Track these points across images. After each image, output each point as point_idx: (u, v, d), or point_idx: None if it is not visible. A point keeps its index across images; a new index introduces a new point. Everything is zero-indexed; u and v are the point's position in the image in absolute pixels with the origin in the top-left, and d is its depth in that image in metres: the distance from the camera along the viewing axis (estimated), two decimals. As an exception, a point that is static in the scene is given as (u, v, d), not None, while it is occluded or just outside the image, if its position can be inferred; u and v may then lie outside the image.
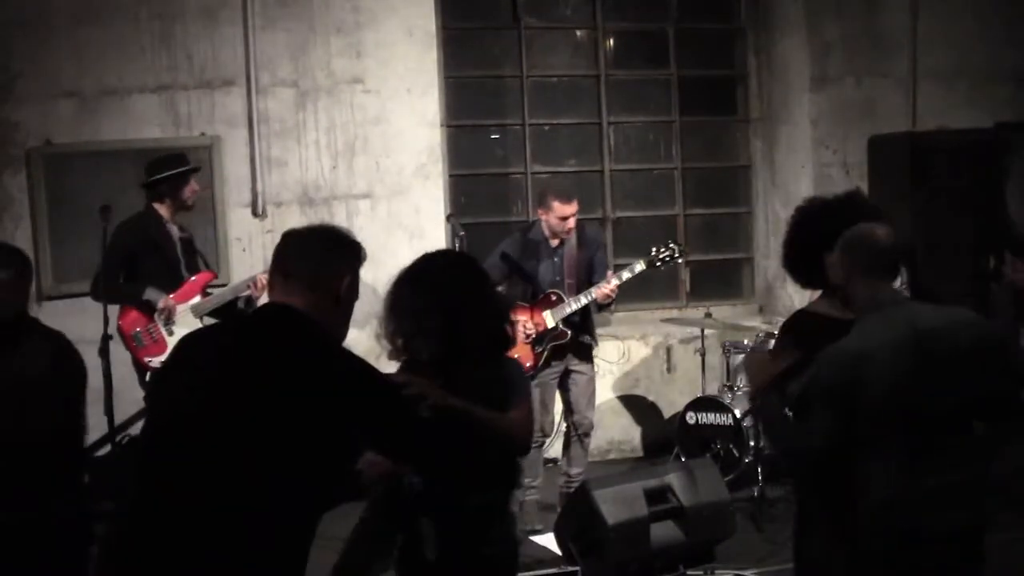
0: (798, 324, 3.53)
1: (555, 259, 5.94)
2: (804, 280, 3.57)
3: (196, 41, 6.90)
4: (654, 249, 6.05)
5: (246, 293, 5.79)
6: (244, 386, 2.46)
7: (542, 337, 5.88)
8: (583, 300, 5.85)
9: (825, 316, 3.37)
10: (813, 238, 3.37)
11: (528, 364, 5.89)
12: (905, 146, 7.52)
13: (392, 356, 3.04)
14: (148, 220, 5.82)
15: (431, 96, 7.31)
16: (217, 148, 6.90)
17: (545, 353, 5.89)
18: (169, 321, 5.69)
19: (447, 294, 2.97)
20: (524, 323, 5.84)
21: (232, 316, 3.07)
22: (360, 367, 2.58)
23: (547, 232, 5.94)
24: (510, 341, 3.15)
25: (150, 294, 5.72)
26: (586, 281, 5.91)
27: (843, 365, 3.03)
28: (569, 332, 5.88)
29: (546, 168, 7.98)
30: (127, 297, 5.77)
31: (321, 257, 2.66)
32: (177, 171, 5.83)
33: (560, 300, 5.88)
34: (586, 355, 6.06)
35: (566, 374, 5.98)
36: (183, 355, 2.65)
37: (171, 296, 5.72)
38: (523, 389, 3.12)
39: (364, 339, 3.23)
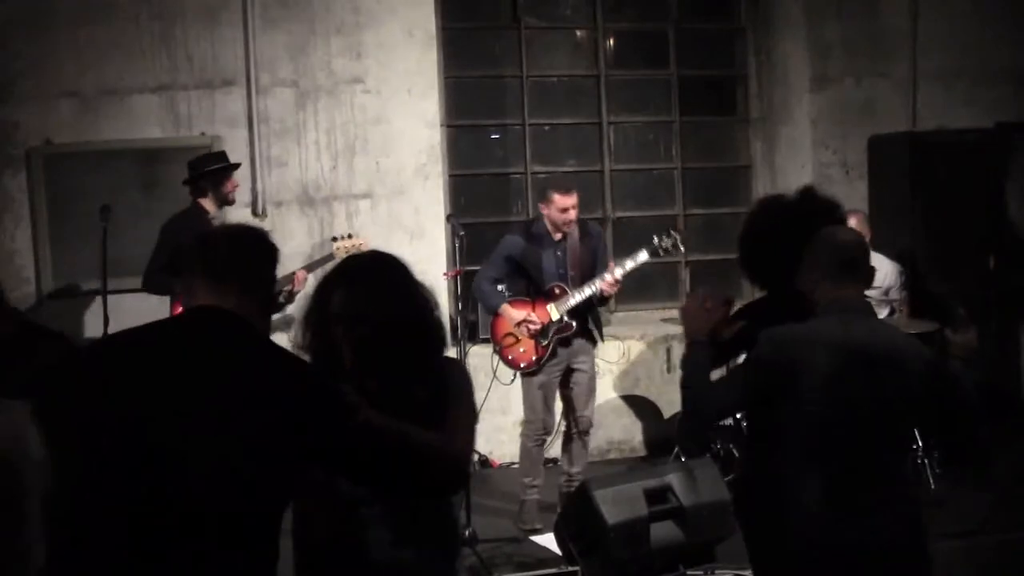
0: (753, 305, 3.58)
1: (558, 253, 5.95)
2: (755, 277, 3.53)
3: (196, 41, 6.90)
4: (656, 238, 6.06)
5: (287, 288, 5.89)
6: (207, 400, 2.25)
7: (547, 330, 5.89)
8: (587, 291, 5.87)
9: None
10: (766, 236, 3.36)
11: (533, 358, 5.91)
12: (905, 146, 7.52)
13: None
14: (195, 216, 5.93)
15: (431, 96, 7.31)
16: (217, 148, 6.88)
17: (550, 346, 5.90)
18: None
19: (377, 297, 2.75)
20: (527, 317, 5.86)
21: (151, 325, 2.69)
22: (314, 372, 2.52)
23: (549, 227, 5.96)
24: (443, 345, 2.89)
25: None
26: (589, 274, 5.93)
27: (781, 344, 3.00)
28: (574, 324, 5.90)
29: (546, 168, 7.98)
30: (172, 291, 5.87)
31: (255, 260, 2.55)
32: (219, 167, 6.04)
33: (564, 293, 5.90)
34: (589, 352, 6.07)
35: (568, 372, 5.99)
36: (109, 369, 2.33)
37: None
38: (462, 401, 2.82)
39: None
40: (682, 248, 6.12)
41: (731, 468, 6.29)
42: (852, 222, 6.81)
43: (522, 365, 5.95)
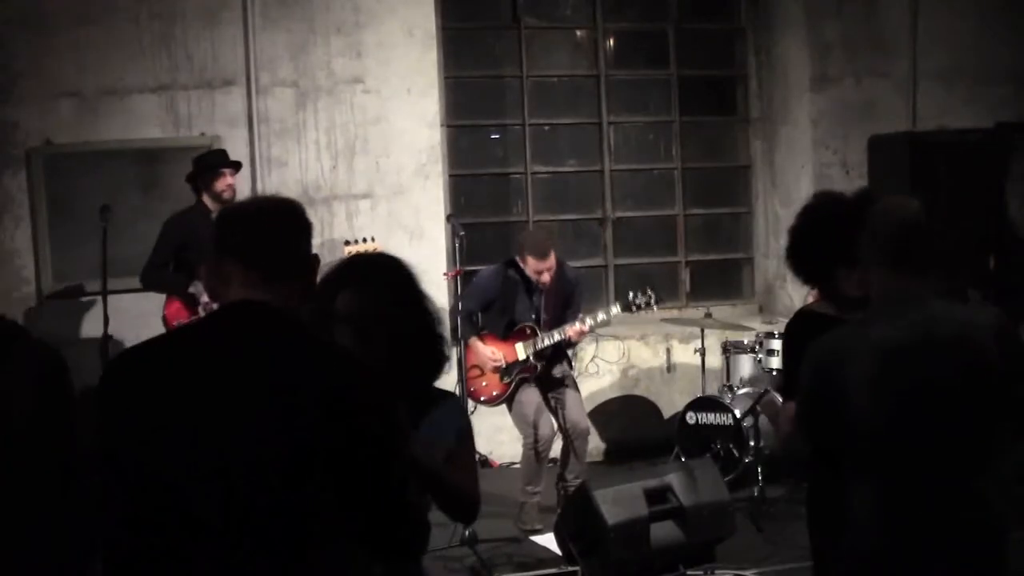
0: (801, 327, 3.24)
1: (533, 296, 6.01)
2: (806, 276, 3.34)
3: (196, 41, 6.90)
4: (631, 294, 6.12)
5: None
6: (246, 414, 1.99)
7: (511, 368, 5.95)
8: (556, 336, 5.91)
9: (829, 316, 3.12)
10: (827, 239, 3.11)
11: (494, 393, 6.00)
12: (905, 146, 7.51)
13: None
14: (197, 213, 5.93)
15: (431, 96, 7.31)
16: (217, 148, 6.89)
17: (512, 384, 5.96)
18: None
19: (386, 298, 2.51)
20: (492, 353, 5.93)
21: (183, 330, 2.34)
22: (371, 380, 2.14)
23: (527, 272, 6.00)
24: (445, 361, 2.67)
25: (195, 287, 5.77)
26: (561, 317, 5.98)
27: (819, 363, 2.69)
28: (538, 366, 5.96)
29: (546, 168, 7.98)
30: (171, 286, 5.89)
31: (286, 239, 2.20)
32: (208, 165, 6.00)
33: (534, 334, 5.95)
34: (558, 382, 6.10)
35: (548, 390, 6.04)
36: (158, 383, 2.06)
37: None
38: (468, 440, 2.69)
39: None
40: (655, 308, 6.15)
41: (731, 468, 6.30)
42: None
43: (482, 399, 6.03)
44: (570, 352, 6.26)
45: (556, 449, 6.51)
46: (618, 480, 4.78)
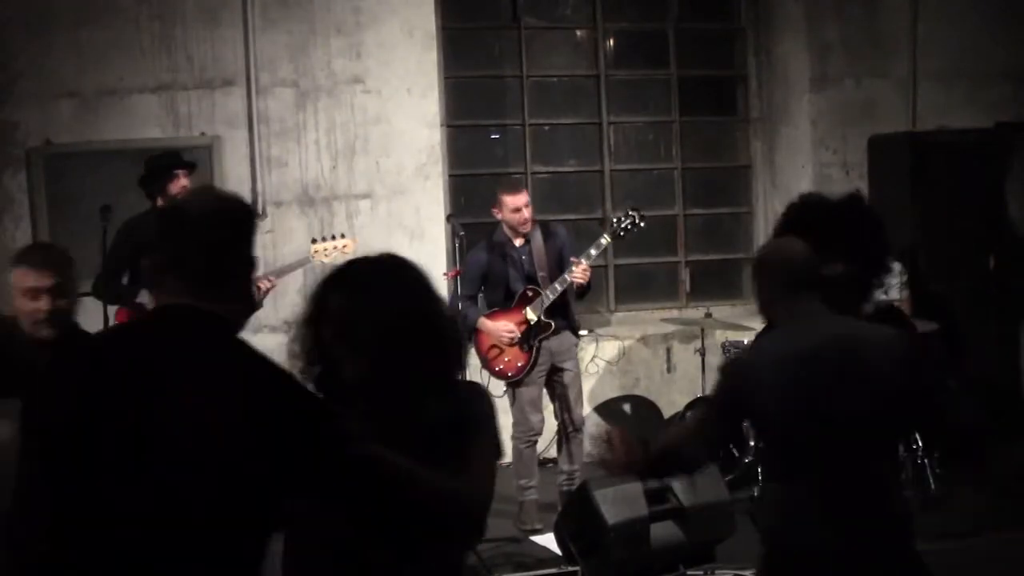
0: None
1: (523, 256, 6.00)
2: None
3: (196, 41, 6.90)
4: (614, 220, 6.09)
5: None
6: (177, 420, 1.96)
7: (528, 334, 5.92)
8: (558, 288, 5.90)
9: None
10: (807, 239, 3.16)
11: (519, 364, 5.94)
12: (905, 146, 7.51)
13: (305, 375, 2.38)
14: (150, 219, 5.77)
15: (431, 96, 7.31)
16: (217, 148, 6.90)
17: (535, 349, 5.92)
18: None
19: (384, 301, 2.34)
20: (505, 326, 5.91)
21: (115, 330, 2.59)
22: (299, 389, 2.12)
23: (508, 232, 5.99)
24: (461, 364, 2.52)
25: (144, 296, 5.61)
26: (557, 273, 5.97)
27: (729, 375, 3.03)
28: (552, 323, 5.93)
29: (546, 168, 7.98)
30: (120, 298, 5.67)
31: (225, 240, 2.11)
32: (159, 167, 5.68)
33: (537, 294, 5.94)
34: (572, 350, 6.09)
35: (553, 371, 6.01)
36: (82, 383, 2.02)
37: None
38: (482, 434, 2.41)
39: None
40: (641, 224, 6.09)
41: (731, 468, 6.30)
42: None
43: (510, 374, 5.99)
44: (579, 336, 6.20)
45: (551, 450, 6.52)
46: (618, 480, 4.79)
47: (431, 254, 7.10)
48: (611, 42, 8.12)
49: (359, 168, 7.16)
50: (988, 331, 7.28)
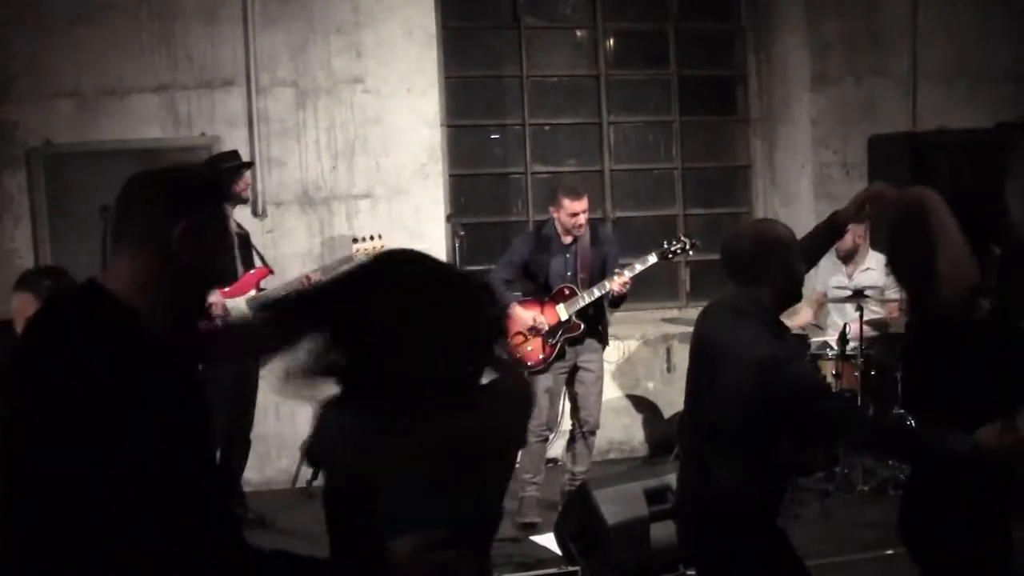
0: None
1: (567, 255, 6.02)
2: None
3: (196, 41, 6.90)
4: (665, 242, 6.16)
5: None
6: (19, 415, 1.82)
7: (555, 330, 5.94)
8: (596, 292, 5.94)
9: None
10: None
11: (540, 357, 5.96)
12: (905, 146, 7.50)
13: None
14: None
15: (431, 96, 7.31)
16: (217, 148, 6.88)
17: (558, 346, 5.94)
18: (222, 315, 5.71)
19: (394, 304, 2.10)
20: (535, 317, 5.91)
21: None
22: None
23: (559, 229, 6.01)
24: (488, 358, 2.21)
25: None
26: (599, 277, 6.00)
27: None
28: (582, 325, 5.95)
29: (546, 168, 7.98)
30: None
31: (146, 202, 1.90)
32: (234, 164, 5.99)
33: (573, 294, 5.97)
34: (597, 352, 6.11)
35: (575, 369, 6.03)
36: None
37: (222, 291, 5.74)
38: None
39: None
40: (691, 253, 6.18)
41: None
42: (852, 219, 6.85)
43: (529, 364, 5.98)
44: (604, 341, 6.22)
45: (558, 448, 6.52)
46: (618, 480, 4.79)
47: (431, 254, 7.10)
48: (611, 42, 8.12)
49: (359, 168, 7.15)
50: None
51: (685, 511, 3.45)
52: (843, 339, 6.49)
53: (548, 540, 5.22)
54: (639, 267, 6.02)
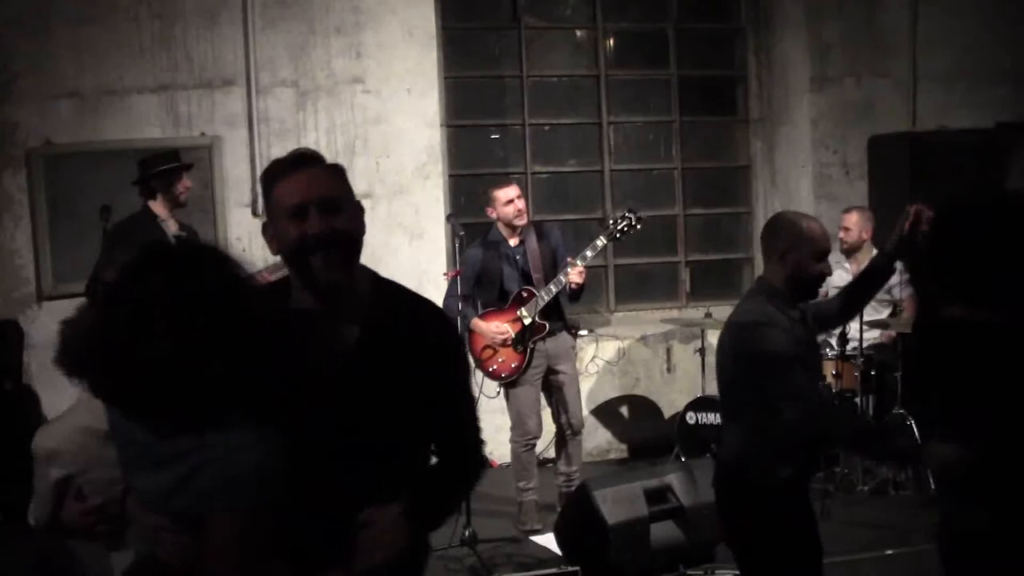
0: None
1: (517, 257, 5.98)
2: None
3: (196, 41, 6.90)
4: (611, 222, 6.07)
5: None
6: None
7: (522, 335, 5.90)
8: (553, 289, 5.87)
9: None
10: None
11: (513, 365, 5.93)
12: (905, 146, 7.52)
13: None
14: (143, 219, 5.78)
15: (431, 96, 7.31)
16: (217, 148, 6.90)
17: (530, 350, 5.91)
18: None
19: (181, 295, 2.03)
20: (497, 327, 5.89)
21: None
22: None
23: (503, 230, 5.98)
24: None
25: None
26: (553, 273, 5.94)
27: None
28: (547, 324, 5.91)
29: (546, 168, 7.98)
30: None
31: None
32: (167, 167, 5.80)
33: (532, 296, 5.92)
34: (568, 352, 6.08)
35: (549, 373, 6.00)
36: None
37: None
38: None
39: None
40: (638, 226, 6.06)
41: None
42: (854, 217, 6.86)
43: (504, 375, 5.97)
44: (577, 334, 6.19)
45: (551, 449, 6.51)
46: (618, 480, 4.79)
47: (431, 254, 7.11)
48: (611, 42, 8.12)
49: (359, 168, 7.15)
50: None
51: (715, 476, 3.61)
52: (843, 339, 6.49)
53: (548, 540, 5.22)
54: (590, 253, 5.91)
